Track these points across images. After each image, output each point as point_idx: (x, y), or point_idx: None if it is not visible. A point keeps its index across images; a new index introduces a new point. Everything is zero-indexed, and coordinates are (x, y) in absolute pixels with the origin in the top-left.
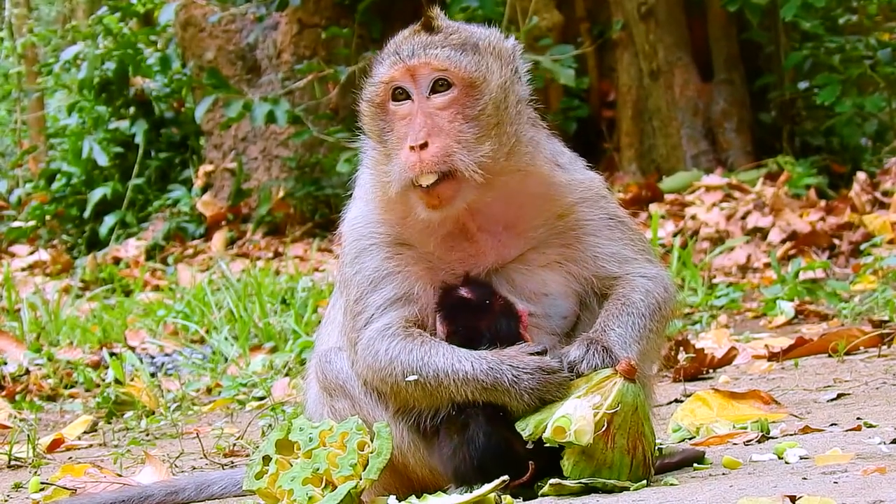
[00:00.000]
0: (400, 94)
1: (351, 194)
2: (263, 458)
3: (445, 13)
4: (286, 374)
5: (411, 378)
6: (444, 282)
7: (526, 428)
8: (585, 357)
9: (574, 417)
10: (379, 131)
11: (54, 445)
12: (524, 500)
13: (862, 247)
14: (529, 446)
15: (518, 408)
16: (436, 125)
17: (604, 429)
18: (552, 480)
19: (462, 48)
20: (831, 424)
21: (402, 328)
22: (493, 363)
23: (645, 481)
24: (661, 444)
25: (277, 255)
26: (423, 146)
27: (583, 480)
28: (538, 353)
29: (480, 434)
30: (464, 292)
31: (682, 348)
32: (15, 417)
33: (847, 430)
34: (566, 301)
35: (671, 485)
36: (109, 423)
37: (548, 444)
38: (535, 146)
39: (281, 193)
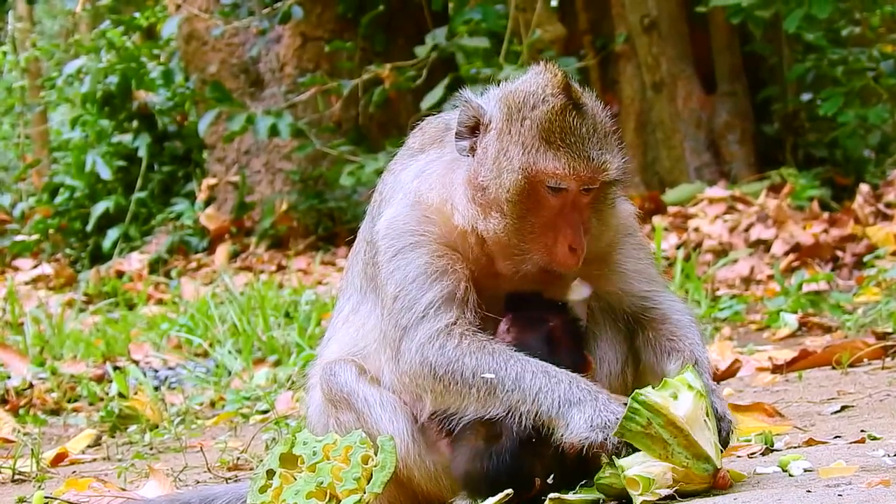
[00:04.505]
0: (558, 187)
1: (371, 198)
2: (267, 471)
3: (448, 26)
4: (290, 388)
5: (488, 376)
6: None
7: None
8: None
9: (653, 489)
10: (522, 207)
11: (58, 459)
12: None
13: (865, 258)
14: (550, 480)
15: (565, 441)
16: (583, 223)
17: None
18: (552, 494)
19: (613, 146)
20: (835, 437)
21: (469, 330)
22: (585, 391)
23: (648, 495)
24: None
25: (281, 268)
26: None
27: (585, 497)
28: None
29: (507, 454)
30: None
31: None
32: (19, 431)
33: (851, 443)
34: (613, 350)
35: (673, 499)
36: (113, 436)
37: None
38: None
39: (284, 207)
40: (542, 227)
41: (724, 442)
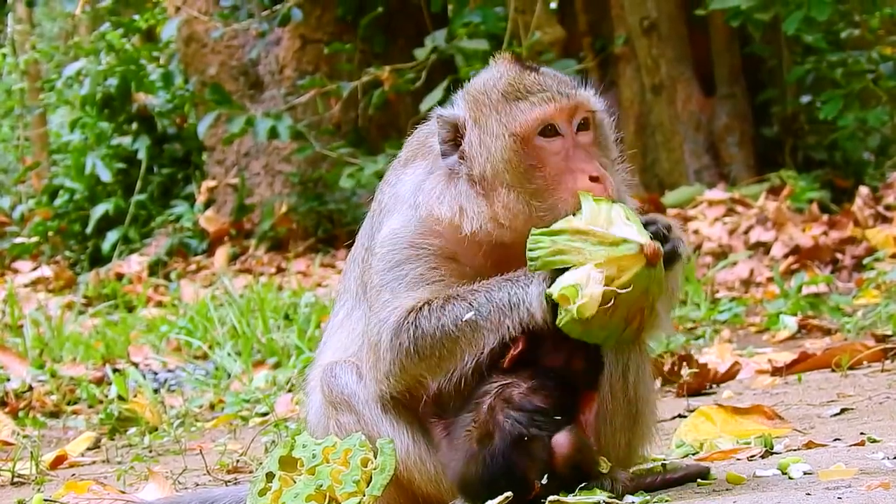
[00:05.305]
0: (550, 131)
1: (369, 209)
2: (267, 474)
3: (447, 28)
4: (289, 390)
5: (468, 316)
6: None
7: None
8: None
9: (583, 292)
10: (524, 168)
11: (57, 462)
12: None
13: (865, 261)
14: (543, 481)
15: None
16: (596, 158)
17: (609, 304)
18: (552, 497)
19: (583, 85)
20: (835, 439)
21: (431, 298)
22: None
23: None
24: (664, 460)
25: (280, 270)
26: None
27: (586, 499)
28: None
29: (500, 455)
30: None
31: (685, 363)
32: (18, 434)
33: (851, 446)
34: (613, 351)
35: (665, 501)
36: (113, 439)
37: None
38: None
39: (284, 209)
40: (554, 176)
41: (669, 248)
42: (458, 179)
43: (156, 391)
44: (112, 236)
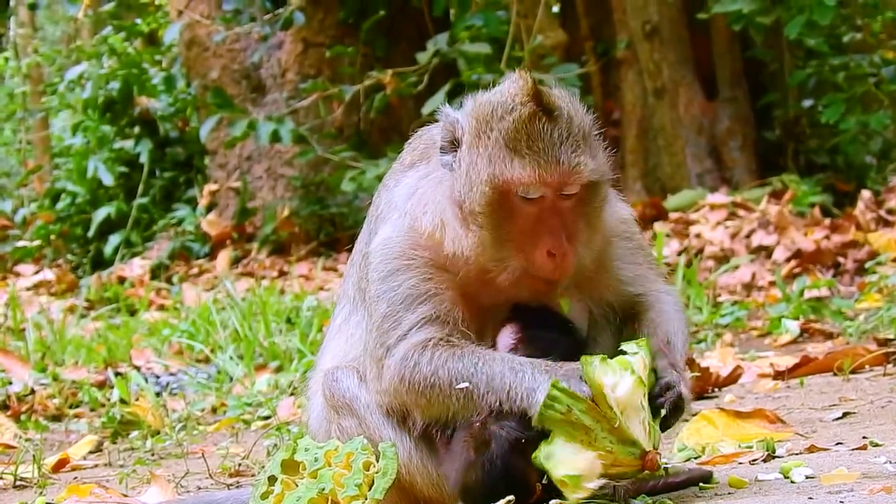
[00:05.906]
0: (531, 193)
1: (368, 213)
2: (269, 478)
3: (450, 32)
4: (291, 394)
5: (462, 385)
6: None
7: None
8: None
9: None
10: (496, 218)
11: (60, 465)
12: None
13: (867, 265)
14: (545, 481)
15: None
16: (566, 229)
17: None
18: (553, 501)
19: (590, 148)
20: (837, 443)
21: (443, 340)
22: (545, 377)
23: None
24: (667, 464)
25: (282, 274)
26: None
27: None
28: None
29: (499, 460)
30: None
31: (687, 367)
32: (20, 437)
33: (853, 449)
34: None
35: None
36: (115, 442)
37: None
38: None
39: (286, 212)
40: (519, 234)
41: (666, 419)
42: (444, 187)
43: (158, 395)
44: (114, 240)
